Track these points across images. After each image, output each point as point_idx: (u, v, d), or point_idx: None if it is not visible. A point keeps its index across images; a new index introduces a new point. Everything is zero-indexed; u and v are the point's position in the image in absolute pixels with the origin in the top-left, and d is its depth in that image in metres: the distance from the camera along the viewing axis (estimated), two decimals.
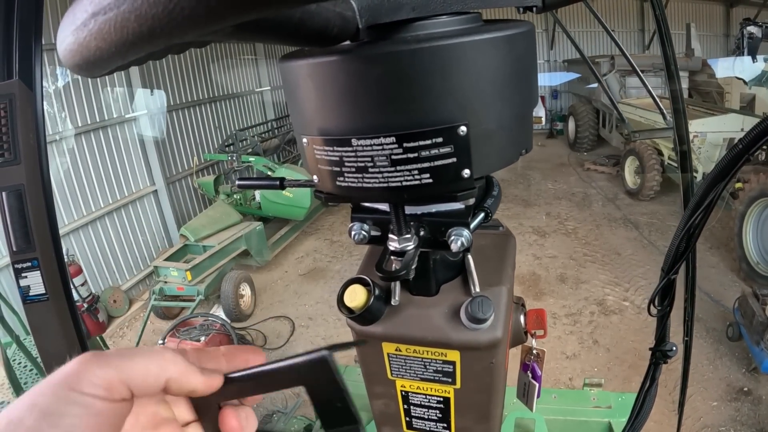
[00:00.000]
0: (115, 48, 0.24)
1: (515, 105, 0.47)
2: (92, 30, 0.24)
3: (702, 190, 0.86)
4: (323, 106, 0.45)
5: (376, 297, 0.56)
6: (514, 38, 0.45)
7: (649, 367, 1.09)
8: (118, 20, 0.23)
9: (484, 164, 0.46)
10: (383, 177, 0.45)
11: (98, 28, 0.24)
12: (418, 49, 0.40)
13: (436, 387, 0.65)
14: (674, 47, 1.31)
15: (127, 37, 0.23)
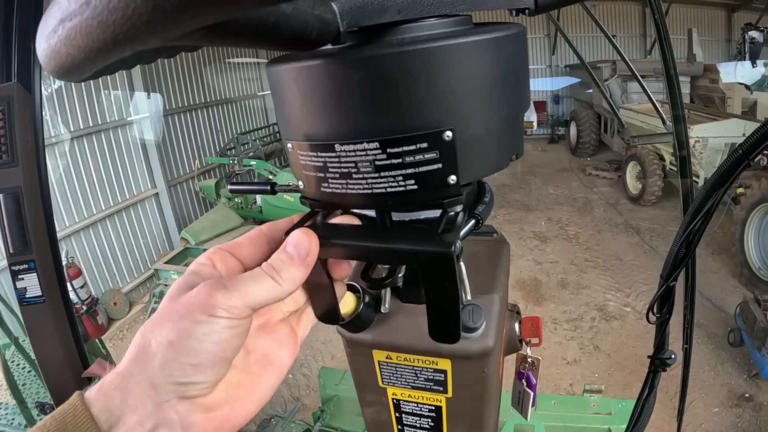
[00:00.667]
0: (84, 54, 0.24)
1: (504, 109, 0.46)
2: (61, 36, 0.24)
3: (701, 195, 0.86)
4: (305, 110, 0.44)
5: (365, 304, 0.55)
6: (502, 41, 0.44)
7: (647, 375, 1.08)
8: (83, 27, 0.23)
9: (472, 170, 0.45)
10: (367, 183, 0.45)
11: (66, 35, 0.23)
12: (401, 52, 0.40)
13: (427, 395, 0.64)
14: (674, 52, 1.30)
15: (93, 43, 0.23)
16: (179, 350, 0.39)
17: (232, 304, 0.41)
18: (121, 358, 0.42)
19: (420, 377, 0.62)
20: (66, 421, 0.38)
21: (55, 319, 1.28)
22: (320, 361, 5.25)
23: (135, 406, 0.39)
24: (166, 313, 0.42)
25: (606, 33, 1.27)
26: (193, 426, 0.41)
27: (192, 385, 0.40)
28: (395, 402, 0.67)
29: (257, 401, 0.47)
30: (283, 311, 0.51)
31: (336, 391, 2.43)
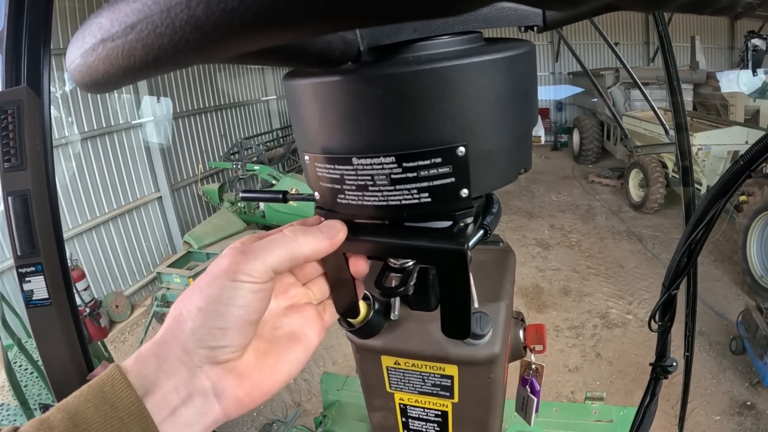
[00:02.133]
0: (123, 72, 0.25)
1: (514, 125, 0.48)
2: (101, 55, 0.25)
3: (703, 206, 0.87)
4: (324, 124, 0.46)
5: (375, 311, 0.57)
6: (514, 59, 0.45)
7: (649, 383, 1.08)
8: (126, 48, 0.24)
9: (483, 183, 0.46)
10: (383, 195, 0.46)
11: (106, 54, 0.25)
12: (418, 71, 0.41)
13: (434, 400, 0.65)
14: (677, 61, 1.31)
15: (134, 63, 0.24)
16: (207, 315, 0.42)
17: (252, 267, 0.43)
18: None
19: (427, 383, 0.63)
20: (104, 390, 0.40)
21: (62, 322, 1.29)
22: (322, 367, 5.25)
23: (170, 372, 0.42)
24: (196, 284, 0.45)
25: (608, 41, 1.28)
26: (225, 392, 0.44)
27: (221, 348, 0.43)
28: (402, 407, 0.68)
29: (286, 371, 0.49)
30: (310, 296, 0.54)
31: (338, 397, 2.42)
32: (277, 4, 0.21)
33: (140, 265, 7.41)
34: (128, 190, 7.24)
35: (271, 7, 0.21)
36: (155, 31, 0.23)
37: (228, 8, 0.21)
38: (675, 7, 0.30)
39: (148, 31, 0.23)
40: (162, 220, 7.89)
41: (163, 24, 0.23)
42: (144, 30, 0.23)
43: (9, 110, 1.20)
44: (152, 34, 0.23)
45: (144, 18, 0.23)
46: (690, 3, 0.30)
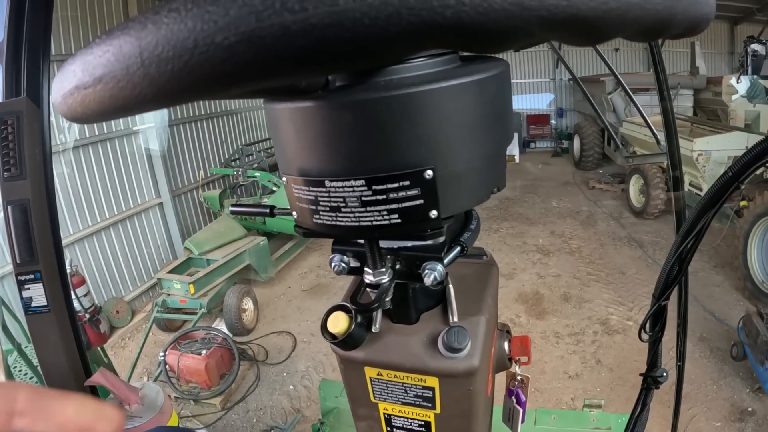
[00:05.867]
0: (97, 115, 0.28)
1: (486, 146, 0.48)
2: (77, 99, 0.28)
3: (693, 216, 0.88)
4: (299, 148, 0.47)
5: (357, 324, 0.58)
6: (484, 82, 0.46)
7: (640, 393, 1.09)
8: (96, 96, 0.27)
9: (453, 205, 0.47)
10: (355, 217, 0.47)
11: (81, 99, 0.27)
12: (385, 97, 0.42)
13: (417, 411, 0.66)
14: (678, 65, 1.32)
15: (105, 109, 0.27)
16: None
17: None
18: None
19: (409, 393, 0.64)
20: None
21: (60, 329, 1.30)
22: (321, 373, 5.25)
23: None
24: None
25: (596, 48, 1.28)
26: None
27: None
28: (386, 416, 0.69)
29: None
30: None
31: (336, 404, 2.43)
32: (220, 69, 0.24)
33: (141, 271, 7.42)
34: (129, 196, 7.26)
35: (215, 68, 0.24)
36: (118, 84, 0.25)
37: (175, 69, 0.24)
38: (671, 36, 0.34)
39: (113, 84, 0.26)
40: (163, 226, 7.90)
41: (124, 79, 0.25)
42: (109, 83, 0.26)
43: (9, 121, 1.21)
44: (116, 87, 0.26)
45: (108, 72, 0.26)
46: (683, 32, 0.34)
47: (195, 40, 0.24)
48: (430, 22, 0.24)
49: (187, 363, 4.88)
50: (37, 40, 1.28)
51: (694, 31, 0.35)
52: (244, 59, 0.24)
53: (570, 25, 0.26)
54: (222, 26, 0.23)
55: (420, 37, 0.25)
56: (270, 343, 5.94)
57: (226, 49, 0.24)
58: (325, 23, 0.23)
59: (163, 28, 0.24)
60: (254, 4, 0.23)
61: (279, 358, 5.63)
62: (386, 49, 0.25)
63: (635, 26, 0.29)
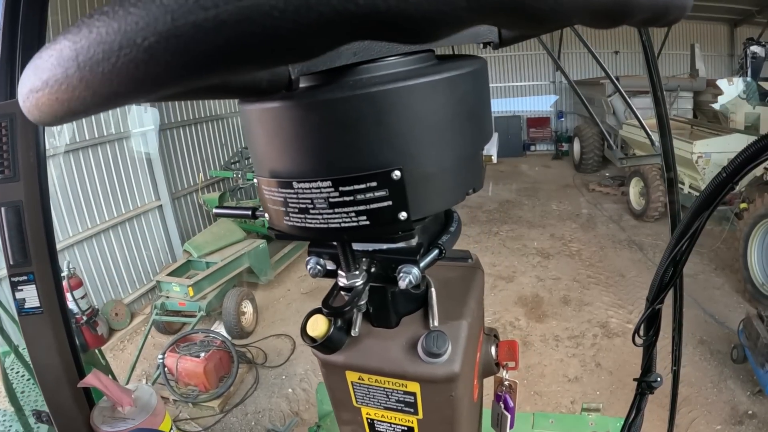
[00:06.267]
0: (51, 117, 0.28)
1: (459, 146, 0.47)
2: (32, 102, 0.28)
3: (687, 218, 0.87)
4: (268, 149, 0.47)
5: (336, 327, 0.57)
6: (455, 80, 0.45)
7: (634, 398, 1.08)
8: (46, 99, 0.27)
9: (423, 206, 0.47)
10: (323, 218, 0.47)
11: (35, 102, 0.27)
12: (351, 96, 0.41)
13: (399, 416, 0.65)
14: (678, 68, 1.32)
15: (56, 112, 0.27)
16: None
17: None
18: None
19: (391, 398, 0.63)
20: None
21: (53, 330, 1.30)
22: (320, 376, 5.20)
23: None
24: None
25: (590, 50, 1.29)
26: None
27: None
28: (370, 421, 0.68)
29: None
30: None
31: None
32: (144, 69, 0.24)
33: (140, 274, 7.42)
34: (129, 199, 7.26)
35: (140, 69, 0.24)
36: (61, 87, 0.26)
37: (106, 71, 0.24)
38: (636, 22, 0.31)
39: (57, 87, 0.26)
40: (162, 228, 7.90)
41: (65, 82, 0.25)
42: (53, 86, 0.26)
43: (2, 123, 1.22)
44: (60, 90, 0.26)
45: (52, 76, 0.26)
46: (650, 17, 0.31)
47: (120, 42, 0.24)
48: (342, 11, 0.23)
49: (186, 366, 4.87)
50: (32, 44, 1.28)
51: (665, 19, 0.33)
52: (164, 59, 0.24)
53: (504, 7, 0.24)
54: (142, 27, 0.23)
55: (335, 28, 0.24)
56: (269, 346, 5.93)
57: (146, 49, 0.24)
58: (235, 19, 0.23)
59: (94, 30, 0.24)
60: (169, 4, 0.23)
61: (278, 361, 5.63)
62: (302, 43, 0.24)
63: (587, 8, 0.27)
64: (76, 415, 1.37)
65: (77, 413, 1.38)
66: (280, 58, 0.26)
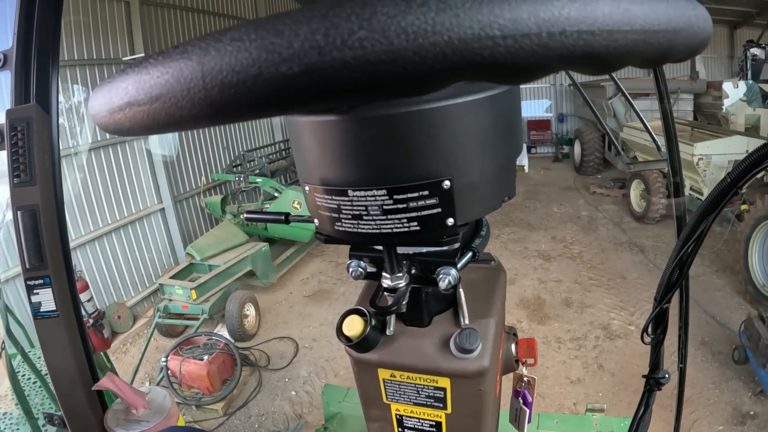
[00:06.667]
0: (145, 129, 0.31)
1: (498, 158, 0.51)
2: (127, 115, 0.30)
3: (693, 221, 0.89)
4: (323, 159, 0.50)
5: (372, 327, 0.60)
6: (497, 97, 0.49)
7: (643, 394, 1.10)
8: (150, 113, 0.29)
9: (468, 213, 0.50)
10: (376, 224, 0.50)
11: (132, 115, 0.30)
12: (406, 112, 0.44)
13: (428, 411, 0.67)
14: (678, 70, 1.34)
15: (156, 125, 0.30)
16: None
17: None
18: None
19: (422, 394, 0.66)
20: None
21: (68, 333, 1.31)
22: (324, 378, 5.25)
23: None
24: None
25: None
26: None
27: None
28: (398, 417, 0.70)
29: None
30: None
31: (339, 409, 2.43)
32: (278, 95, 0.27)
33: (143, 276, 7.42)
34: (131, 201, 7.27)
35: (276, 94, 0.27)
36: (177, 104, 0.28)
37: (237, 93, 0.27)
38: (673, 61, 0.38)
39: (171, 104, 0.28)
40: (165, 231, 7.91)
41: (184, 99, 0.28)
42: (167, 102, 0.28)
43: (19, 127, 1.23)
44: (174, 106, 0.28)
45: (168, 92, 0.28)
46: (684, 57, 0.38)
47: (260, 68, 0.26)
48: (470, 61, 0.27)
49: (189, 368, 4.87)
50: (46, 47, 1.30)
51: (693, 55, 0.39)
52: (305, 88, 0.27)
53: (585, 60, 0.30)
54: (286, 57, 0.26)
55: (460, 73, 0.28)
56: (272, 348, 5.94)
57: (289, 78, 0.26)
58: (381, 60, 0.26)
59: (227, 55, 0.27)
60: (317, 39, 0.26)
61: (281, 364, 5.63)
62: (431, 82, 0.28)
63: (640, 58, 0.33)
64: (90, 418, 1.39)
65: (91, 416, 1.39)
66: (409, 94, 0.29)
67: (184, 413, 4.92)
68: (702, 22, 0.37)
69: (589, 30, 0.29)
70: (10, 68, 1.28)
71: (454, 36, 0.27)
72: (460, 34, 0.27)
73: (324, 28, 0.26)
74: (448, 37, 0.26)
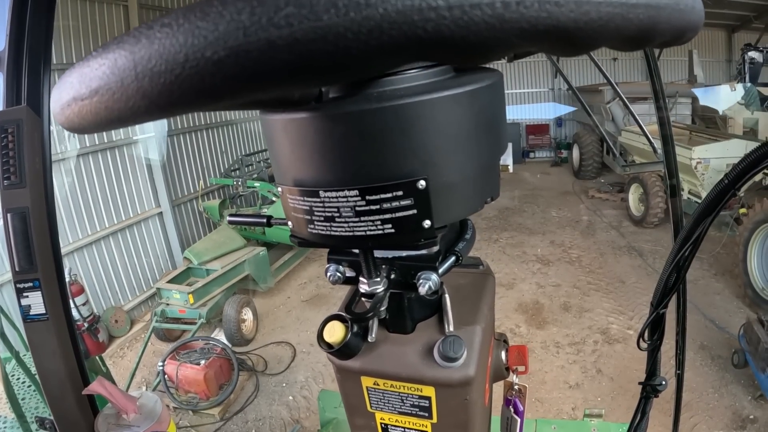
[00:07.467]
0: (93, 125, 0.29)
1: (479, 157, 0.49)
2: (74, 110, 0.29)
3: (690, 224, 0.88)
4: (293, 159, 0.48)
5: (353, 333, 0.57)
6: (477, 92, 0.46)
7: (639, 401, 1.09)
8: (92, 108, 0.28)
9: (446, 214, 0.48)
10: (349, 226, 0.48)
11: (78, 110, 0.29)
12: (378, 108, 0.42)
13: (414, 420, 0.66)
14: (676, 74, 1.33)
15: (101, 120, 0.28)
16: None
17: None
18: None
19: (406, 403, 0.64)
20: None
21: (58, 337, 1.30)
22: (321, 384, 5.23)
23: None
24: None
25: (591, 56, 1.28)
26: None
27: None
28: (384, 426, 0.68)
29: None
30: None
31: (335, 414, 2.41)
32: (208, 83, 0.25)
33: (140, 280, 7.41)
34: (129, 205, 7.27)
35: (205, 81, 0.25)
36: (113, 96, 0.27)
37: (167, 82, 0.25)
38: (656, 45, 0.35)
39: (108, 96, 0.27)
40: (162, 235, 7.90)
41: (119, 91, 0.26)
42: (105, 95, 0.27)
43: (9, 129, 1.22)
44: (111, 99, 0.27)
45: (104, 85, 0.27)
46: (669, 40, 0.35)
47: (186, 54, 0.25)
48: (411, 36, 0.25)
49: (186, 373, 4.85)
50: (38, 49, 1.29)
51: (681, 40, 0.36)
52: (233, 73, 0.25)
53: (551, 36, 0.27)
54: (211, 41, 0.24)
55: (401, 50, 0.25)
56: (269, 353, 5.92)
57: (215, 63, 0.25)
58: (310, 38, 0.24)
59: (156, 42, 0.25)
60: (242, 20, 0.24)
61: (278, 369, 5.61)
62: (369, 63, 0.26)
63: (617, 36, 0.30)
64: (80, 422, 1.37)
65: (82, 420, 1.37)
66: (345, 76, 0.27)
67: (180, 418, 4.90)
68: (690, 1, 0.34)
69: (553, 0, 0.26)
70: (2, 70, 1.27)
71: (390, 8, 0.24)
72: (398, 6, 0.24)
73: (250, 7, 0.24)
74: (384, 9, 0.24)
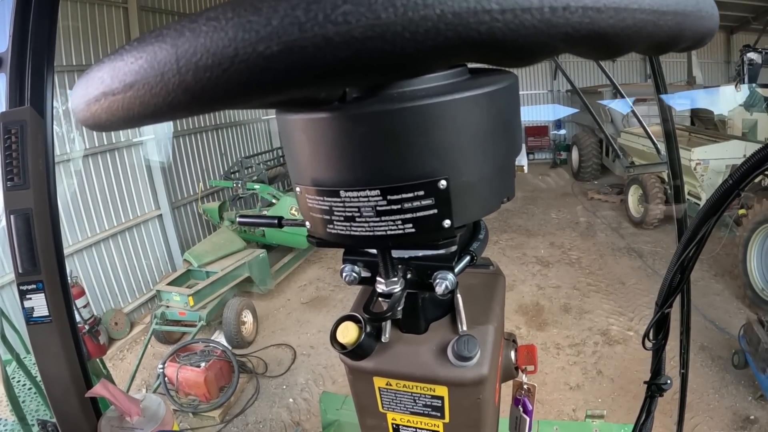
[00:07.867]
0: (122, 121, 0.29)
1: (496, 157, 0.49)
2: (102, 106, 0.28)
3: (694, 225, 0.88)
4: (314, 158, 0.47)
5: (367, 334, 0.57)
6: (494, 94, 0.47)
7: (644, 400, 1.09)
8: (125, 103, 0.27)
9: (465, 214, 0.48)
10: (369, 226, 0.48)
11: (108, 106, 0.28)
12: (400, 109, 0.42)
13: (426, 420, 0.65)
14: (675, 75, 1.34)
15: (132, 115, 0.28)
16: None
17: None
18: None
19: (418, 403, 0.63)
20: None
21: (61, 339, 1.30)
22: (321, 386, 5.22)
23: None
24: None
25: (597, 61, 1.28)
26: None
27: None
28: (395, 426, 0.68)
29: None
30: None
31: (337, 416, 2.41)
32: (258, 78, 0.25)
33: (140, 283, 7.40)
34: (129, 208, 7.26)
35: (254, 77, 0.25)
36: (151, 91, 0.26)
37: (213, 76, 0.25)
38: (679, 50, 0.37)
39: (145, 91, 0.26)
40: (162, 237, 7.90)
41: (158, 86, 0.26)
42: (141, 89, 0.26)
43: (13, 130, 1.22)
44: (148, 94, 0.26)
45: (141, 79, 0.26)
46: (691, 45, 0.36)
47: (236, 48, 0.24)
48: (465, 38, 0.25)
49: (186, 375, 4.85)
50: (42, 51, 1.29)
51: (699, 44, 0.38)
52: (284, 68, 0.25)
53: (591, 40, 0.28)
54: (264, 36, 0.24)
55: (454, 51, 0.26)
56: (269, 355, 5.91)
57: (267, 58, 0.24)
58: (367, 36, 0.24)
59: (201, 36, 0.25)
60: (297, 15, 0.24)
61: (278, 371, 5.60)
62: (423, 62, 0.26)
63: (648, 41, 0.31)
64: (83, 425, 1.37)
65: (85, 423, 1.37)
66: (399, 75, 0.28)
67: (180, 420, 4.89)
68: (710, 9, 0.36)
69: (595, 6, 0.27)
70: (5, 71, 1.27)
71: (447, 9, 0.25)
72: (454, 7, 0.25)
73: (305, 3, 0.24)
74: (441, 11, 0.25)
